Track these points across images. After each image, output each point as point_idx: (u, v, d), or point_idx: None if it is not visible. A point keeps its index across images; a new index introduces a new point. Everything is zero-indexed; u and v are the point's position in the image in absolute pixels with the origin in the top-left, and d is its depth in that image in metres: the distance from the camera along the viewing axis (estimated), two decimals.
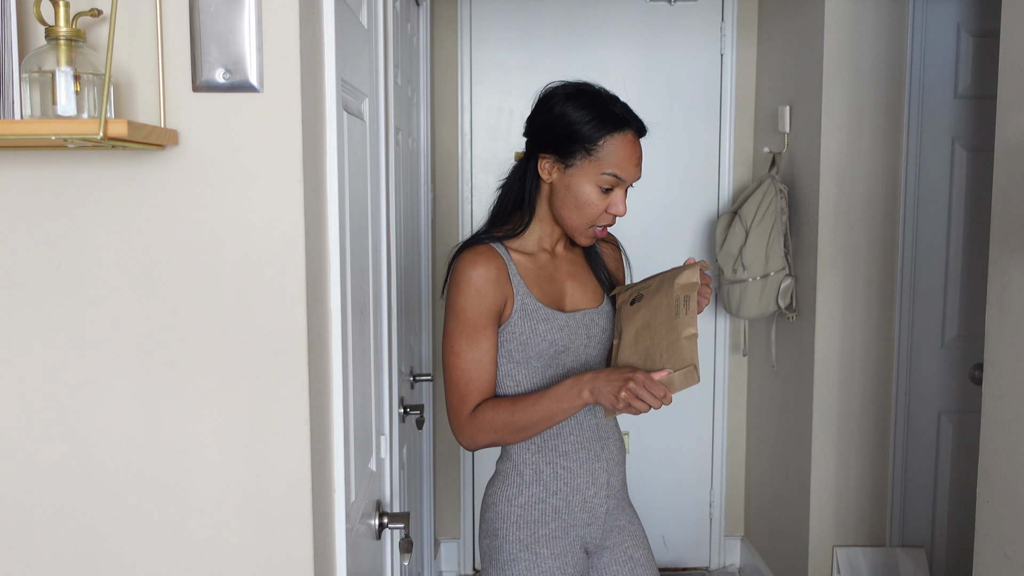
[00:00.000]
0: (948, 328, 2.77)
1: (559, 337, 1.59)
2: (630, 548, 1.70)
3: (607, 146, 1.53)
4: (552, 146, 1.56)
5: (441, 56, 3.30)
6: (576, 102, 1.56)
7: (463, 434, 1.57)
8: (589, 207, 1.56)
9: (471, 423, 1.56)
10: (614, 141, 1.54)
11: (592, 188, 1.54)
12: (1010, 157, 1.73)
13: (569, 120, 1.54)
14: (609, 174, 1.53)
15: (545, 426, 1.54)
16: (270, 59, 0.99)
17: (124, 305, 1.02)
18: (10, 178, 1.00)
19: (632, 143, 1.56)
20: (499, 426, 1.54)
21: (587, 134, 1.53)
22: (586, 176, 1.54)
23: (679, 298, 1.47)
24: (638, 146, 1.57)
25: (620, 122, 1.55)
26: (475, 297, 1.53)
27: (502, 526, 1.64)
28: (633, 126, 1.57)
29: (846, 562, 2.81)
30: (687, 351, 1.41)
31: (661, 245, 3.37)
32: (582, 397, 1.48)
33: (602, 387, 1.46)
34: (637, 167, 1.57)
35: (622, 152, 1.54)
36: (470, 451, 1.70)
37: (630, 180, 1.56)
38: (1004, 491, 1.75)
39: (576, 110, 1.55)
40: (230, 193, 1.01)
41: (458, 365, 1.55)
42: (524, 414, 1.52)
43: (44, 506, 1.04)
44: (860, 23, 2.66)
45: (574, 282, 1.67)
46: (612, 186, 1.55)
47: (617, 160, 1.54)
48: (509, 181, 1.66)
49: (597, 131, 1.53)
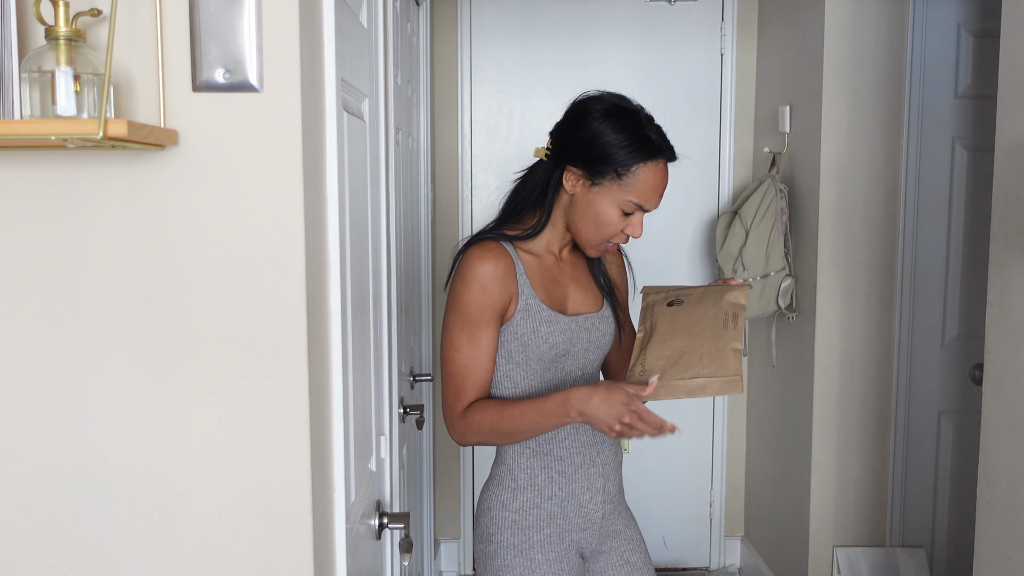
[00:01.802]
0: (948, 328, 2.77)
1: (560, 340, 1.58)
2: (627, 552, 1.69)
3: (638, 173, 1.53)
4: (582, 161, 1.55)
5: (441, 56, 3.30)
6: (614, 123, 1.53)
7: (454, 430, 1.57)
8: (608, 227, 1.55)
9: (461, 421, 1.55)
10: (646, 170, 1.53)
11: (614, 210, 1.54)
12: (1010, 157, 1.73)
13: (604, 141, 1.52)
14: (633, 202, 1.54)
15: (533, 434, 1.54)
16: (270, 59, 0.99)
17: (124, 305, 1.01)
18: (10, 178, 1.00)
19: (662, 172, 1.55)
20: (486, 429, 1.53)
21: (621, 159, 1.52)
22: (611, 197, 1.54)
23: (728, 313, 1.49)
24: (666, 175, 1.56)
25: (655, 151, 1.54)
26: (479, 293, 1.52)
27: (496, 531, 1.63)
28: (666, 155, 1.56)
29: (846, 562, 2.81)
30: (732, 361, 1.45)
31: (661, 245, 3.37)
32: (571, 417, 1.47)
33: (597, 414, 1.44)
34: (660, 197, 1.58)
35: (651, 182, 1.54)
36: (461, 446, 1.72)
37: (651, 209, 1.57)
38: (1004, 491, 1.75)
39: (613, 132, 1.52)
40: (230, 193, 1.01)
41: (455, 360, 1.55)
42: (511, 422, 1.51)
43: (43, 506, 1.04)
44: (860, 23, 2.66)
45: (576, 286, 1.66)
46: (633, 211, 1.55)
47: (644, 190, 1.54)
48: (527, 181, 1.64)
49: (631, 158, 1.52)
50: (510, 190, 1.67)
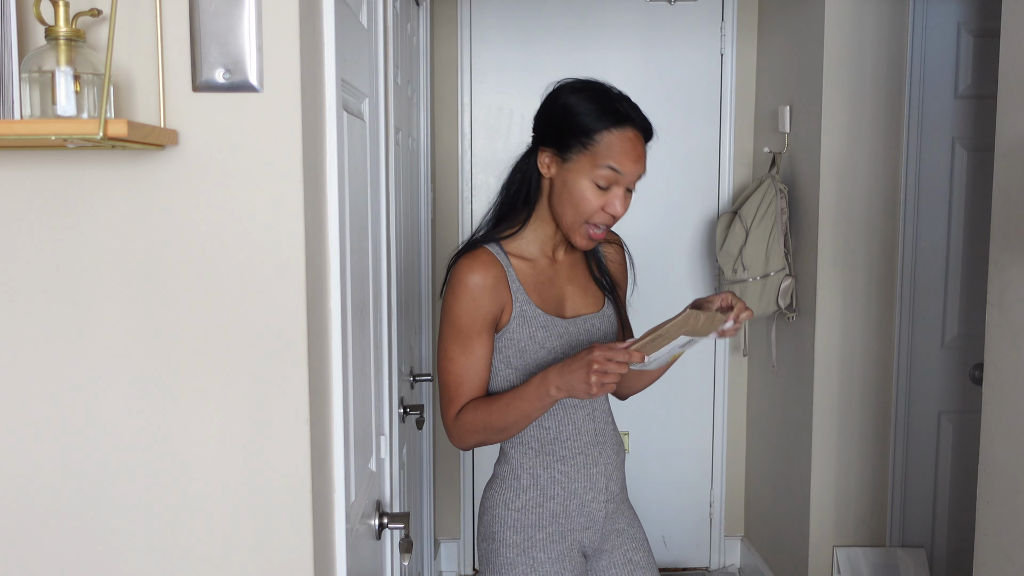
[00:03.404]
0: (948, 328, 2.77)
1: (558, 344, 1.58)
2: (630, 551, 1.69)
3: (605, 140, 1.49)
4: (552, 139, 1.54)
5: (441, 56, 3.30)
6: (580, 95, 1.53)
7: (452, 435, 1.59)
8: (584, 203, 1.51)
9: (456, 425, 1.57)
10: (612, 136, 1.49)
11: (588, 184, 1.50)
12: (1010, 157, 1.73)
13: (570, 111, 1.51)
14: (605, 167, 1.49)
15: (525, 424, 1.52)
16: (270, 59, 0.99)
17: (124, 305, 1.01)
18: (10, 178, 1.00)
19: (630, 141, 1.50)
20: (480, 427, 1.54)
21: (585, 125, 1.49)
22: (583, 171, 1.50)
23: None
24: (639, 145, 1.52)
25: (621, 117, 1.50)
26: (470, 304, 1.52)
27: (499, 530, 1.63)
28: (636, 124, 1.52)
29: (846, 562, 2.81)
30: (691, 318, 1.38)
31: (661, 245, 3.37)
32: (551, 395, 1.45)
33: (569, 381, 1.42)
34: (637, 163, 1.51)
35: (620, 148, 1.49)
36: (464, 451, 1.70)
37: (629, 176, 1.51)
38: (1004, 491, 1.75)
39: (578, 102, 1.52)
40: (230, 193, 1.01)
41: (450, 370, 1.56)
42: (500, 416, 1.52)
43: (43, 506, 1.04)
44: (860, 23, 2.66)
45: (574, 287, 1.65)
46: (609, 183, 1.50)
47: (613, 153, 1.49)
48: (510, 179, 1.63)
49: (596, 123, 1.49)
50: (498, 191, 1.66)
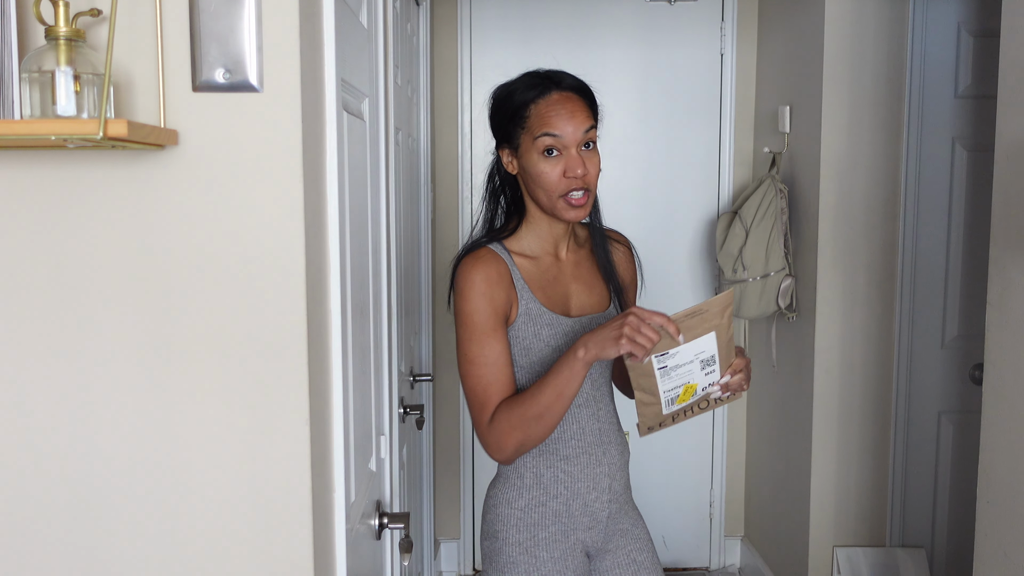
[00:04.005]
0: (948, 328, 2.77)
1: (564, 343, 1.57)
2: (634, 551, 1.69)
3: (534, 112, 1.51)
4: (502, 135, 1.57)
5: (441, 56, 3.30)
6: (508, 86, 1.56)
7: (489, 444, 1.52)
8: (543, 177, 1.50)
9: (492, 431, 1.51)
10: (538, 105, 1.51)
11: (538, 159, 1.50)
12: (1010, 157, 1.73)
13: (503, 103, 1.55)
14: (542, 134, 1.49)
15: (561, 406, 1.46)
16: (270, 59, 0.99)
17: (124, 305, 1.01)
18: (10, 178, 1.00)
19: (558, 102, 1.50)
20: (516, 421, 1.48)
21: (515, 109, 1.52)
22: (528, 149, 1.52)
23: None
24: (569, 102, 1.50)
25: (543, 86, 1.52)
26: (480, 301, 1.51)
27: (502, 528, 1.63)
28: (560, 86, 1.52)
29: (846, 562, 2.81)
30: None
31: (661, 245, 3.37)
32: (578, 356, 1.42)
33: (599, 337, 1.40)
34: (571, 120, 1.49)
35: (547, 111, 1.50)
36: (505, 463, 1.60)
37: (568, 136, 1.48)
38: (1004, 491, 1.75)
39: (507, 92, 1.55)
40: (230, 193, 1.01)
41: (473, 373, 1.52)
42: (534, 400, 1.46)
43: (43, 506, 1.04)
44: (860, 23, 2.66)
45: (580, 285, 1.65)
46: (554, 148, 1.49)
47: (544, 120, 1.49)
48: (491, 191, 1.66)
49: (522, 100, 1.52)
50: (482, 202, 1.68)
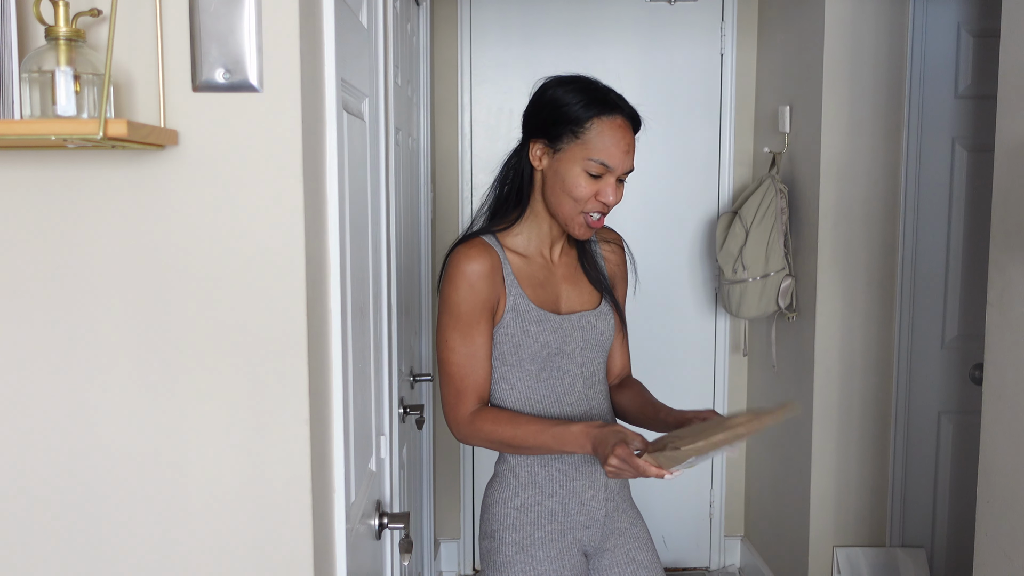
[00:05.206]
0: (948, 328, 2.77)
1: (552, 339, 1.58)
2: (632, 550, 1.69)
3: (594, 128, 1.51)
4: (542, 130, 1.55)
5: (441, 56, 3.30)
6: (567, 87, 1.55)
7: (458, 431, 1.57)
8: (577, 190, 1.52)
9: (469, 426, 1.55)
10: (601, 124, 1.51)
11: (580, 173, 1.51)
12: (1010, 157, 1.73)
13: (558, 103, 1.53)
14: (596, 161, 1.51)
15: (537, 453, 1.55)
16: (270, 59, 0.99)
17: (124, 304, 1.01)
18: (10, 178, 1.00)
19: (621, 129, 1.52)
20: (495, 441, 1.54)
21: (575, 115, 1.51)
22: (574, 160, 1.52)
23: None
24: (629, 134, 1.53)
25: (611, 106, 1.52)
26: (468, 292, 1.53)
27: (499, 528, 1.63)
28: (624, 112, 1.54)
29: (846, 562, 2.81)
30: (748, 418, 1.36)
31: (661, 245, 3.37)
32: (580, 443, 1.46)
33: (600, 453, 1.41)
34: (627, 155, 1.53)
35: (609, 137, 1.51)
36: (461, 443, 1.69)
37: (619, 170, 1.52)
38: (1004, 491, 1.75)
39: (566, 93, 1.53)
40: (230, 193, 1.01)
41: (452, 360, 1.55)
42: (523, 441, 1.51)
43: (43, 505, 1.04)
44: (860, 23, 2.66)
45: (570, 285, 1.65)
46: (600, 173, 1.52)
47: (604, 146, 1.50)
48: (502, 175, 1.64)
49: (585, 112, 1.51)
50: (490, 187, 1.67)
